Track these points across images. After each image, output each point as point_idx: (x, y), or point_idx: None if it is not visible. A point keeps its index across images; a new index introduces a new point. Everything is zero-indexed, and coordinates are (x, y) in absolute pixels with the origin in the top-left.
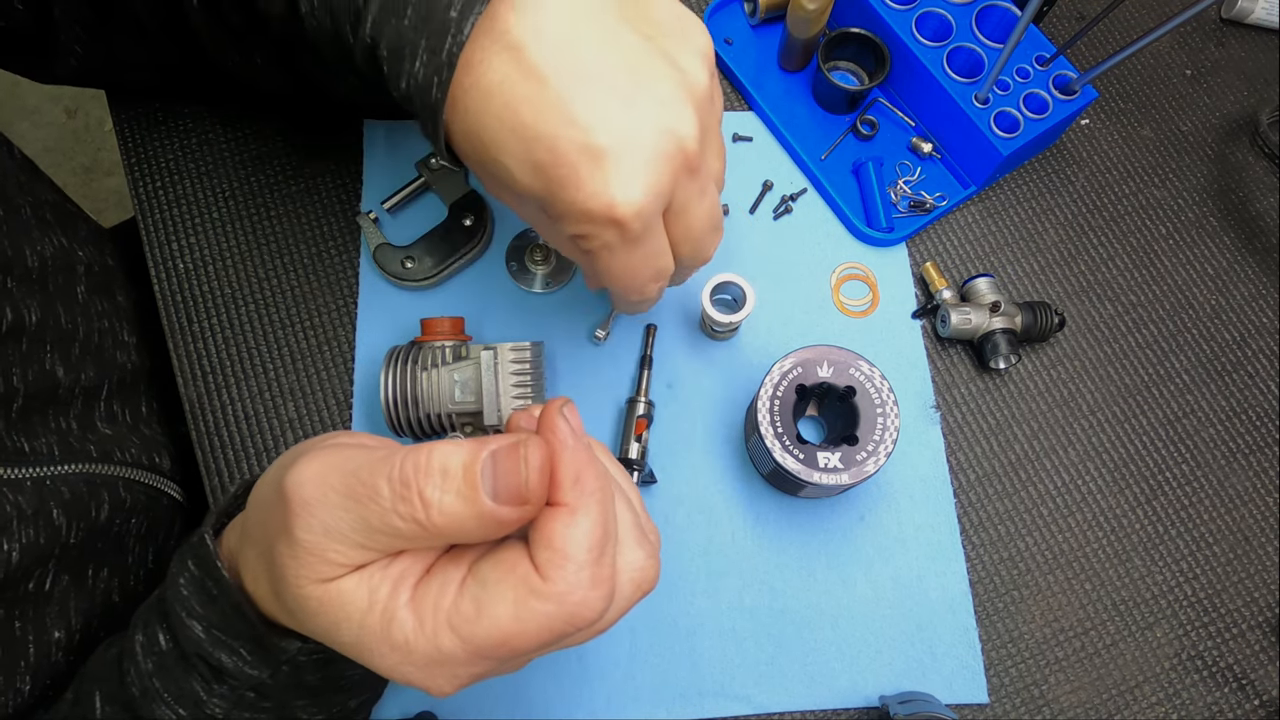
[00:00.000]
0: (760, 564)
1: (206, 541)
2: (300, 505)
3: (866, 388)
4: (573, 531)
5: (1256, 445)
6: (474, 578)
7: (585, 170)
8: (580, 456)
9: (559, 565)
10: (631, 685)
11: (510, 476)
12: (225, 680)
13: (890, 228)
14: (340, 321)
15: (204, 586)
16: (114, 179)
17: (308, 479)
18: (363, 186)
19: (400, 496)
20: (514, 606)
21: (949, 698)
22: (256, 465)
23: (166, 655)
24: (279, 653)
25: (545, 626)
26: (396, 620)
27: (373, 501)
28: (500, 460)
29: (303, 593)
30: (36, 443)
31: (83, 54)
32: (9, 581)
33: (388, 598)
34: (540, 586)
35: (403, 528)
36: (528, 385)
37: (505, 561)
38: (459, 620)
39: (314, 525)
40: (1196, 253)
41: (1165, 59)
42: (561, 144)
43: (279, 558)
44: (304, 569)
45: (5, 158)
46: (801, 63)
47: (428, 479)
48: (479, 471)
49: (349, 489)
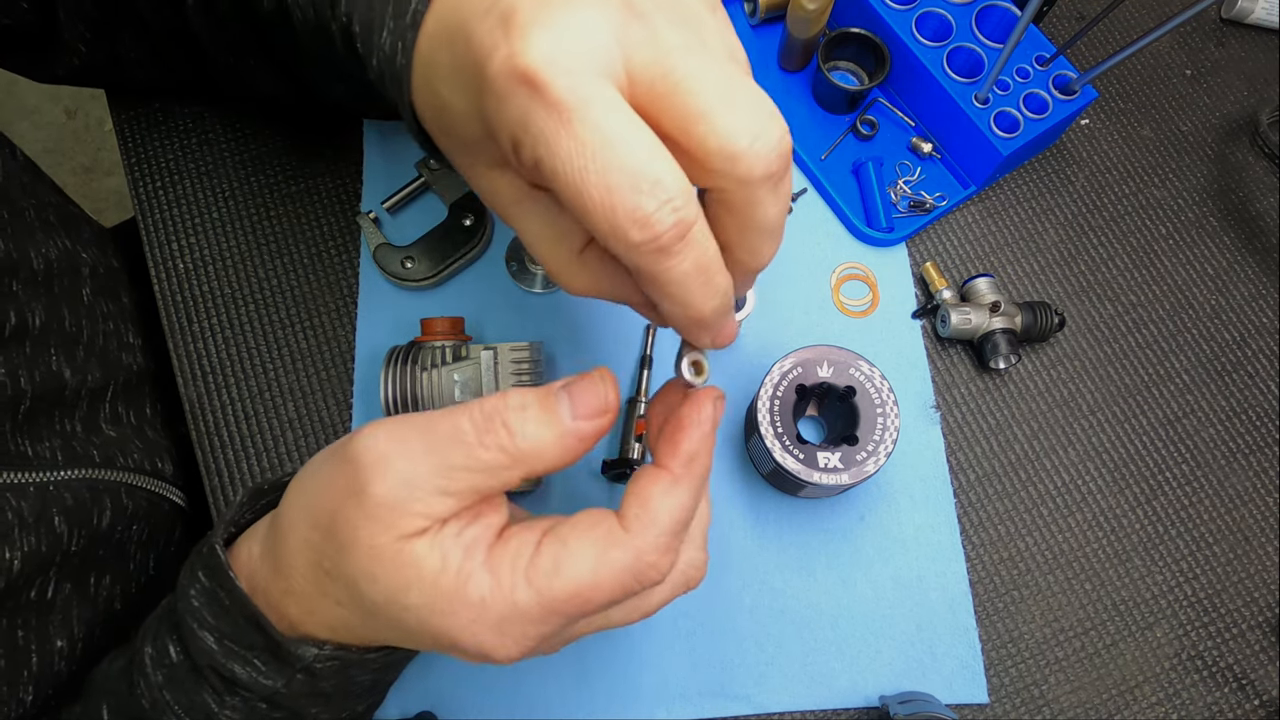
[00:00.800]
0: (760, 564)
1: (218, 552)
2: (376, 460)
3: (866, 388)
4: (666, 500)
5: (1256, 445)
6: (552, 537)
7: (497, 36)
8: (705, 442)
9: (646, 524)
10: (631, 685)
11: (587, 394)
12: (238, 691)
13: (890, 228)
14: (340, 321)
15: (216, 597)
16: (114, 179)
17: (381, 437)
18: (363, 186)
19: (485, 429)
20: (594, 559)
21: (949, 698)
22: (256, 465)
23: (177, 667)
24: (295, 660)
25: (618, 581)
26: (473, 579)
27: (456, 440)
28: (576, 385)
29: (376, 551)
30: (40, 447)
31: (86, 53)
32: (11, 590)
33: (462, 560)
34: (621, 538)
35: (488, 458)
36: (528, 385)
37: (586, 522)
38: (536, 574)
39: (391, 478)
40: (1196, 253)
41: (1165, 59)
42: (472, 23)
43: (344, 526)
44: (381, 525)
45: (8, 160)
46: (801, 63)
47: (509, 410)
48: (556, 398)
49: (428, 434)
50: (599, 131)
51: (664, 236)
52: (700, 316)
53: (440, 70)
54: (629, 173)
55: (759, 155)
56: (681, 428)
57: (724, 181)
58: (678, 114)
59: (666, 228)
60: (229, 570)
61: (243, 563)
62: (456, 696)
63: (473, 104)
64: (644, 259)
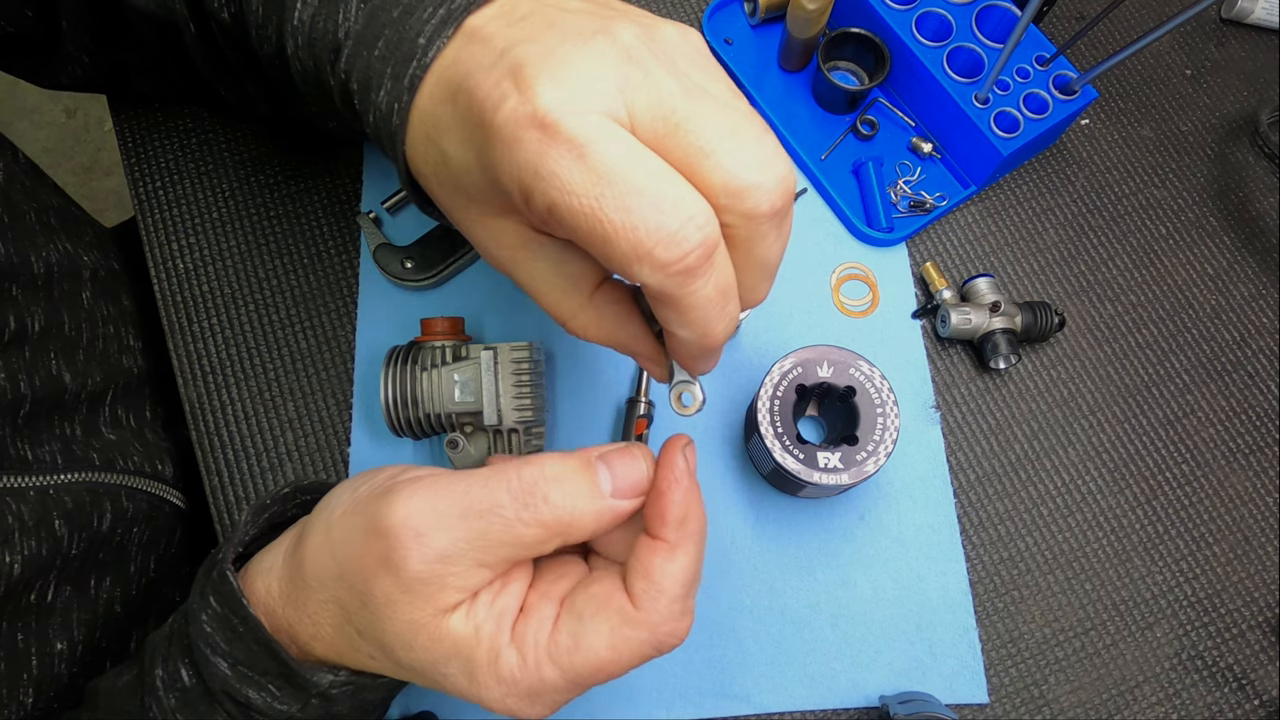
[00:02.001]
0: (760, 564)
1: (229, 578)
2: (412, 537)
3: (866, 388)
4: (670, 567)
5: (1256, 445)
6: (568, 612)
7: (505, 88)
8: (690, 497)
9: (654, 597)
10: (631, 685)
11: (630, 471)
12: (252, 717)
13: (890, 228)
14: (340, 321)
15: (229, 623)
16: (114, 179)
17: (417, 509)
18: (363, 186)
19: (524, 504)
20: (609, 636)
21: (949, 698)
22: (256, 465)
23: (190, 691)
24: (310, 686)
25: (637, 653)
26: (502, 657)
27: (495, 514)
28: (615, 459)
29: (414, 625)
30: (40, 450)
31: (89, 63)
32: (10, 594)
33: (493, 635)
34: (634, 615)
35: (527, 534)
36: (527, 385)
37: (599, 596)
38: (558, 653)
39: (429, 554)
40: (1196, 253)
41: (1165, 59)
42: (477, 77)
43: (379, 597)
44: (420, 600)
45: (10, 163)
46: (801, 63)
47: (549, 483)
48: (596, 470)
49: (466, 508)
50: (613, 158)
51: (692, 255)
52: (716, 343)
53: (442, 124)
54: (649, 194)
55: (765, 190)
56: (661, 493)
57: (729, 217)
58: (682, 152)
59: (694, 245)
60: (242, 598)
61: (260, 598)
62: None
63: (476, 156)
64: (671, 281)
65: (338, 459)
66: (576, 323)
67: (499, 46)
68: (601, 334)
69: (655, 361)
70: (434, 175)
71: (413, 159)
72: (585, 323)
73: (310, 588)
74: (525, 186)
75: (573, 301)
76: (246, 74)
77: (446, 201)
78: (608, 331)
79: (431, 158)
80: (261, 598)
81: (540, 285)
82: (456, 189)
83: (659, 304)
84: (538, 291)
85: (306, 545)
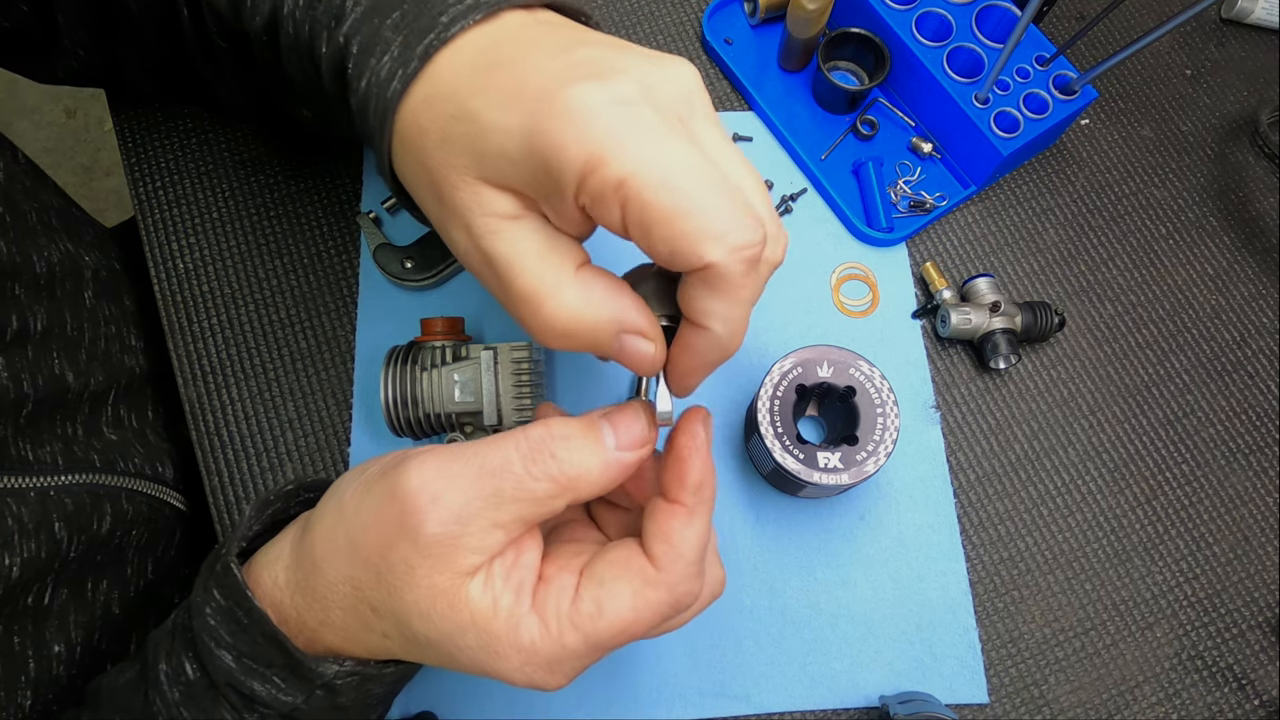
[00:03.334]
0: (760, 564)
1: (233, 570)
2: (429, 500)
3: (866, 388)
4: (687, 531)
5: (1256, 445)
6: (589, 579)
7: (586, 70)
8: (707, 466)
9: (674, 559)
10: (631, 685)
11: (631, 425)
12: (256, 709)
13: (890, 228)
14: (340, 321)
15: (233, 615)
16: (114, 179)
17: (431, 474)
18: (363, 186)
19: (533, 459)
20: (631, 598)
21: (949, 698)
22: (256, 465)
23: (194, 685)
24: (315, 678)
25: (658, 613)
26: (523, 624)
27: (506, 472)
28: (617, 416)
29: (434, 590)
30: (41, 451)
31: (85, 56)
32: (8, 596)
33: (512, 604)
34: (655, 576)
35: (538, 489)
36: (527, 385)
37: (619, 561)
38: (581, 619)
39: (446, 516)
40: (1196, 253)
41: (1165, 59)
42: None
43: (398, 565)
44: (439, 563)
45: (10, 163)
46: (801, 63)
47: (555, 440)
48: (599, 427)
49: (478, 469)
50: (707, 144)
51: (758, 246)
52: (736, 346)
53: (476, 86)
54: (730, 185)
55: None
56: (681, 459)
57: None
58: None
59: (760, 239)
60: (246, 589)
61: (266, 589)
62: (457, 697)
63: (522, 120)
64: (739, 265)
65: (338, 459)
66: (559, 299)
67: (560, 40)
68: (589, 310)
69: (650, 336)
70: (441, 131)
71: (412, 121)
72: (571, 299)
73: (321, 570)
74: (597, 157)
75: (559, 275)
76: (237, 65)
77: (444, 159)
78: (595, 307)
79: (445, 112)
80: (268, 589)
81: (524, 260)
82: (468, 148)
83: (711, 289)
84: (520, 268)
85: (316, 530)
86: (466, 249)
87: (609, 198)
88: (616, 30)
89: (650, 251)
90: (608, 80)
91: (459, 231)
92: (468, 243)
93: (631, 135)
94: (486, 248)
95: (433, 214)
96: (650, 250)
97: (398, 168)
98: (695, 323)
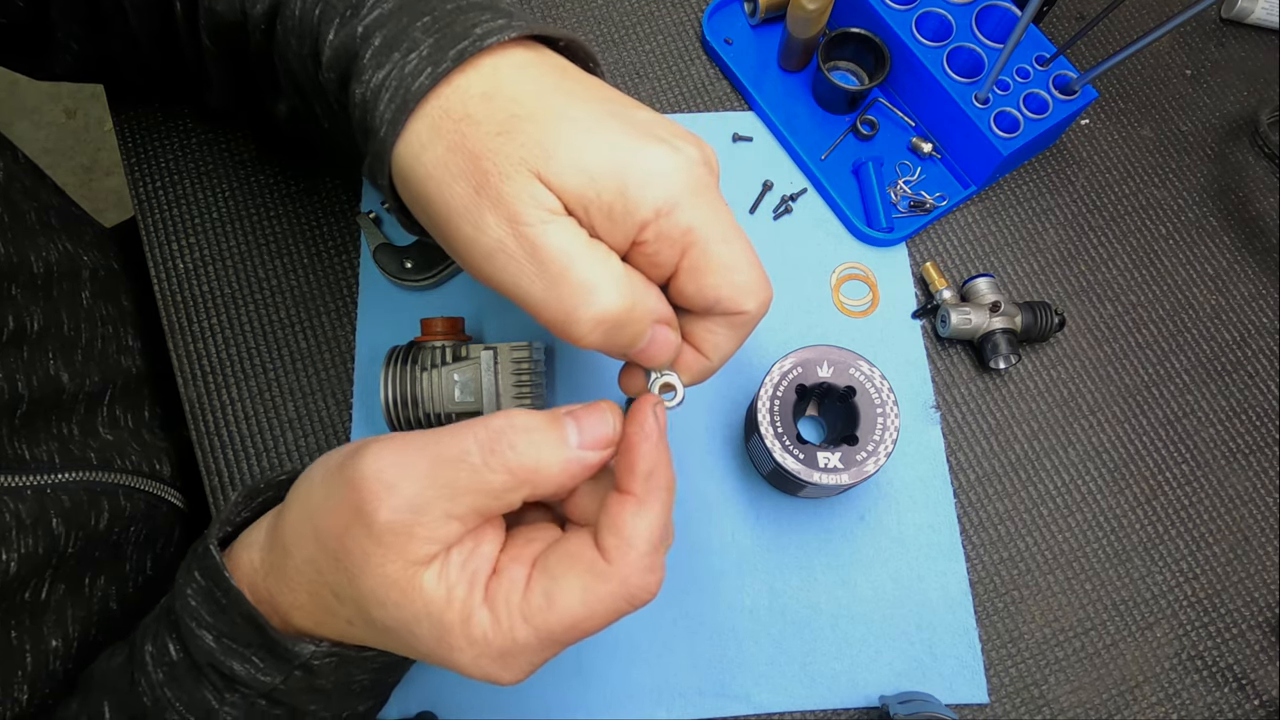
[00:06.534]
0: (760, 564)
1: (213, 552)
2: (383, 487)
3: (866, 388)
4: (639, 522)
5: (1256, 445)
6: (540, 571)
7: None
8: (658, 453)
9: (624, 551)
10: (630, 685)
11: (596, 424)
12: (237, 688)
13: (890, 228)
14: (340, 321)
15: (212, 596)
16: (114, 179)
17: (387, 463)
18: (363, 186)
19: (490, 449)
20: (582, 593)
21: (949, 698)
22: (256, 465)
23: (177, 665)
24: (292, 657)
25: (610, 608)
26: (474, 617)
27: (462, 462)
28: (582, 415)
29: (386, 579)
30: (38, 450)
31: (79, 50)
32: (5, 591)
33: (465, 596)
34: (605, 570)
35: (494, 480)
36: (527, 385)
37: (570, 553)
38: (531, 612)
39: (399, 504)
40: (1196, 253)
41: (1165, 59)
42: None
43: (352, 551)
44: (390, 551)
45: (10, 162)
46: (801, 63)
47: (515, 431)
48: (563, 423)
49: (434, 459)
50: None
51: (766, 309)
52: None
53: (558, 101)
54: (759, 267)
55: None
56: (630, 446)
57: None
58: None
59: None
60: (224, 570)
61: (244, 571)
62: (456, 696)
63: (616, 143)
64: (755, 318)
65: None
66: (616, 288)
67: (610, 90)
68: (639, 298)
69: (675, 327)
70: (500, 125)
71: (460, 111)
72: (626, 288)
73: (290, 553)
74: (674, 201)
75: (608, 264)
76: (222, 64)
77: (498, 148)
78: (643, 296)
79: (508, 111)
80: (245, 571)
81: (578, 248)
82: (536, 144)
83: (733, 331)
84: (575, 254)
85: (287, 514)
86: (501, 239)
87: (675, 240)
88: (617, 30)
89: (686, 292)
90: (686, 142)
91: (497, 220)
92: (506, 232)
93: (704, 194)
94: (535, 236)
95: (457, 202)
96: (689, 292)
97: (411, 161)
98: (699, 351)
